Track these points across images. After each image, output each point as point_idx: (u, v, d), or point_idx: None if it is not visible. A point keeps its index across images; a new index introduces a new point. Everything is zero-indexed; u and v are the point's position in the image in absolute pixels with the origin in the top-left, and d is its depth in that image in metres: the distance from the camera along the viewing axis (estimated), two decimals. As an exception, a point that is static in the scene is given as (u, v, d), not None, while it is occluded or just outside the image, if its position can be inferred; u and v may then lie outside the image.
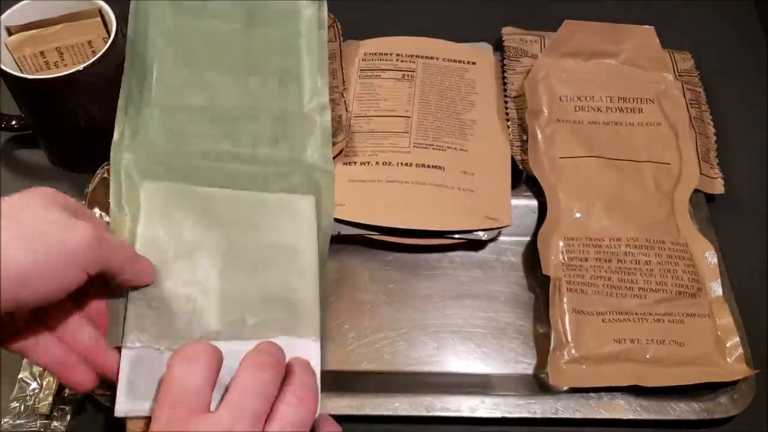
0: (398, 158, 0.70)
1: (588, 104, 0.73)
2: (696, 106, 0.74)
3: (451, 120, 0.73)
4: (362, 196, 0.68)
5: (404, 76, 0.77)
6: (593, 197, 0.67)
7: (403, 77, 0.77)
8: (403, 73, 0.77)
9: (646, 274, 0.62)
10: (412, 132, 0.72)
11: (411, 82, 0.76)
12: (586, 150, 0.70)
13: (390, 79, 0.76)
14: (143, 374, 0.53)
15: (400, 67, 0.78)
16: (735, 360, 0.59)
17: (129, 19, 0.68)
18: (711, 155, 0.72)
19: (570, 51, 0.76)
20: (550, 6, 0.83)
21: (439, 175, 0.69)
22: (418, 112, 0.74)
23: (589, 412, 0.58)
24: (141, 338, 0.54)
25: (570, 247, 0.64)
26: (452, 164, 0.70)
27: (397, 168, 0.69)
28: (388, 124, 0.73)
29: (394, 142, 0.71)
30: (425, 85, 0.76)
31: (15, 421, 0.58)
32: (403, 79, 0.76)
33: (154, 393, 0.53)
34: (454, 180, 0.69)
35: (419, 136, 0.72)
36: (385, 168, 0.70)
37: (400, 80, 0.76)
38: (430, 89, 0.76)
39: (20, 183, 0.71)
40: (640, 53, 0.76)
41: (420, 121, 0.73)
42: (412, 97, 0.75)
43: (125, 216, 0.60)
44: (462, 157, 0.71)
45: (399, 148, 0.71)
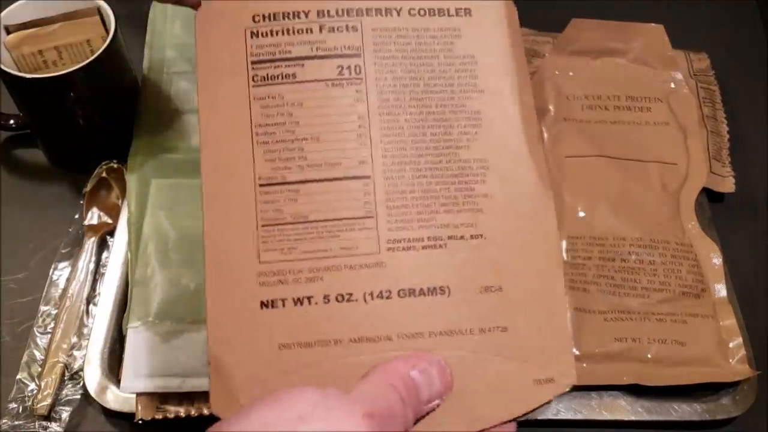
0: (362, 281, 0.43)
1: (595, 103, 0.75)
2: (709, 105, 0.76)
3: (445, 164, 0.46)
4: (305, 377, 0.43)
5: (343, 70, 0.45)
6: (598, 196, 0.68)
7: (342, 73, 0.45)
8: (341, 62, 0.45)
9: (649, 274, 0.64)
10: (379, 211, 0.44)
11: (358, 82, 0.45)
12: (592, 149, 0.71)
13: (316, 83, 0.45)
14: (145, 353, 0.58)
15: (328, 47, 0.45)
16: (737, 361, 0.61)
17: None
18: (723, 153, 0.74)
19: (577, 49, 0.77)
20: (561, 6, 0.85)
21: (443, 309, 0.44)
22: (384, 157, 0.45)
23: (590, 413, 0.59)
24: (142, 319, 0.60)
25: (573, 245, 0.66)
26: (462, 274, 0.44)
27: (361, 307, 0.43)
28: (329, 197, 0.44)
29: (350, 244, 0.44)
30: (385, 86, 0.46)
31: (13, 422, 0.59)
32: (342, 79, 0.45)
33: (156, 370, 0.58)
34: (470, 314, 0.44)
35: (395, 220, 0.44)
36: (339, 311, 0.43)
37: (337, 83, 0.45)
38: (396, 95, 0.46)
39: (18, 182, 0.74)
40: (649, 52, 0.77)
41: (392, 181, 0.45)
42: (366, 121, 0.45)
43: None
44: (477, 253, 0.45)
45: (360, 256, 0.44)
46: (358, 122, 0.45)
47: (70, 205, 0.70)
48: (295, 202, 0.45)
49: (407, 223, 0.45)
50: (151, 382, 0.58)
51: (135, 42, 0.78)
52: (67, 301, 0.64)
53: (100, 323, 0.62)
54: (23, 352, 0.62)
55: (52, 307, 0.64)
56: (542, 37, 0.80)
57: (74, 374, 0.61)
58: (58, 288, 0.65)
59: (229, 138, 0.45)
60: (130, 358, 0.59)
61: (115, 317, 0.62)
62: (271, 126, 0.45)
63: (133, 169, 0.68)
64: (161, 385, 0.58)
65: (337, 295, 0.44)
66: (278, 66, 0.46)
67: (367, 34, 0.46)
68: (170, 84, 0.75)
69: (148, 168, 0.68)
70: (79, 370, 0.61)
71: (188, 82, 0.75)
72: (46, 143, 0.74)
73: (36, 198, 0.72)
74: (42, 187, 0.73)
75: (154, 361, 0.59)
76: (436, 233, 0.45)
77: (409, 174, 0.45)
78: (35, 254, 0.68)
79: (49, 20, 0.69)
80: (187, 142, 0.71)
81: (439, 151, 0.46)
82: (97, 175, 0.69)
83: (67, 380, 0.61)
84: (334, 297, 0.44)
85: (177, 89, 0.75)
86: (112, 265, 0.65)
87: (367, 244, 0.44)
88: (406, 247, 0.45)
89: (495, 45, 0.48)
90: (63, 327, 0.63)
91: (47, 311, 0.64)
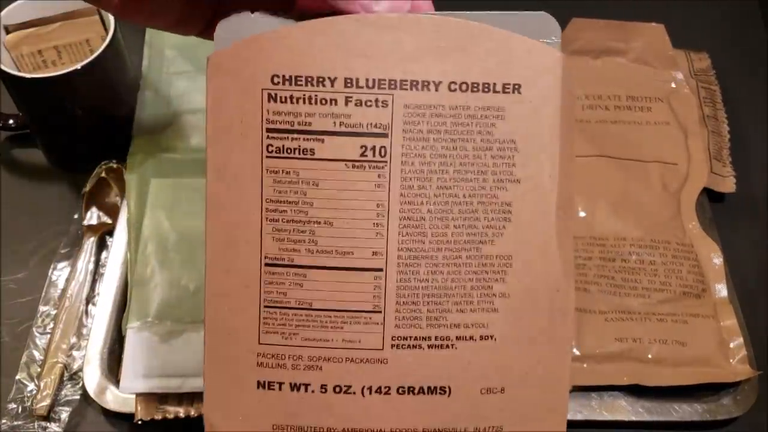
0: (362, 375, 0.42)
1: (596, 103, 0.75)
2: (710, 104, 0.77)
3: (465, 260, 0.42)
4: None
5: (366, 150, 0.41)
6: (599, 196, 0.69)
7: (365, 154, 0.41)
8: (365, 142, 0.41)
9: (650, 274, 0.64)
10: (387, 306, 0.42)
11: (381, 166, 0.41)
12: (593, 149, 0.72)
13: (336, 163, 0.41)
14: (144, 353, 0.58)
15: (353, 123, 0.41)
16: (738, 361, 0.61)
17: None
18: (724, 153, 0.74)
19: (578, 49, 0.78)
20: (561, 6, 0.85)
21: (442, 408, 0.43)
22: (399, 249, 0.42)
23: (591, 413, 0.59)
24: (142, 319, 0.60)
25: (574, 246, 0.65)
26: (466, 375, 0.42)
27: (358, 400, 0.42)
28: (337, 287, 0.42)
29: (353, 337, 0.42)
30: (411, 171, 0.41)
31: (12, 422, 0.59)
32: (364, 161, 0.41)
33: (155, 370, 0.58)
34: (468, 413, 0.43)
35: (404, 318, 0.42)
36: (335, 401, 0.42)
37: (358, 165, 0.41)
38: (421, 182, 0.41)
39: (18, 182, 0.74)
40: (650, 51, 0.77)
41: (404, 276, 0.42)
42: (385, 209, 0.41)
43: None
44: (485, 355, 0.42)
45: (362, 351, 0.42)
46: (377, 210, 0.42)
47: (69, 205, 0.70)
48: (301, 288, 0.42)
49: (416, 321, 0.42)
50: (150, 383, 0.58)
51: (134, 42, 0.78)
52: (67, 302, 0.64)
53: (100, 323, 0.62)
54: (22, 352, 0.62)
55: (52, 307, 0.64)
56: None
57: (73, 374, 0.61)
58: (58, 288, 0.66)
59: (237, 209, 0.42)
60: (129, 358, 0.59)
61: (114, 317, 0.62)
62: (283, 204, 0.42)
63: (132, 168, 0.68)
64: (161, 385, 0.58)
65: (335, 386, 0.42)
66: (296, 138, 0.41)
67: (398, 111, 0.41)
68: (169, 84, 0.75)
69: (148, 167, 0.68)
70: (79, 370, 0.61)
71: (187, 82, 0.76)
72: (46, 143, 0.74)
73: (35, 198, 0.73)
74: (41, 187, 0.73)
75: (153, 362, 0.59)
76: (445, 333, 0.42)
77: (424, 269, 0.42)
78: (34, 254, 0.68)
79: (48, 20, 0.69)
80: (186, 142, 0.71)
81: (460, 246, 0.42)
82: (97, 175, 0.69)
83: (66, 381, 0.61)
84: (332, 388, 0.42)
85: (176, 89, 0.75)
86: (111, 265, 0.65)
87: (371, 339, 0.42)
88: (411, 345, 0.42)
89: (542, 127, 0.42)
90: (62, 327, 0.63)
91: (46, 311, 0.64)
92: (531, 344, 0.43)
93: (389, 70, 0.41)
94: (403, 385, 0.42)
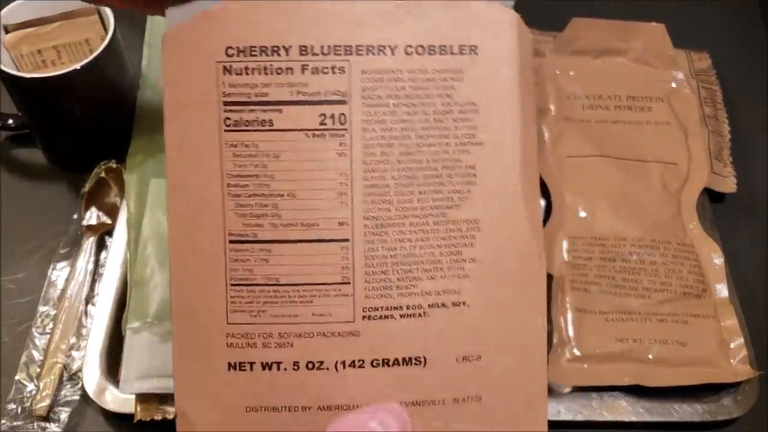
0: (334, 350, 0.41)
1: (596, 103, 0.75)
2: (710, 104, 0.77)
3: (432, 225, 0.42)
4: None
5: (325, 119, 0.40)
6: (599, 197, 0.69)
7: (324, 122, 0.40)
8: (324, 110, 0.40)
9: (650, 274, 0.64)
10: (356, 277, 0.41)
11: (341, 134, 0.41)
12: (593, 149, 0.72)
13: (295, 133, 0.41)
14: (144, 354, 0.58)
15: (311, 91, 0.40)
16: (738, 361, 0.61)
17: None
18: (724, 153, 0.74)
19: (578, 49, 0.77)
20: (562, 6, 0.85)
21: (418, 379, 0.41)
22: (365, 218, 0.41)
23: (591, 413, 0.59)
24: (142, 319, 0.60)
25: (574, 246, 0.66)
26: (440, 343, 0.42)
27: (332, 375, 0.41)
28: (303, 260, 0.41)
29: (323, 311, 0.41)
30: (372, 138, 0.41)
31: (12, 423, 0.59)
32: (324, 130, 0.40)
33: (155, 371, 0.58)
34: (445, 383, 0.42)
35: (373, 287, 0.41)
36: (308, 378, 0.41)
37: (318, 134, 0.40)
38: (384, 149, 0.41)
39: (17, 182, 0.74)
40: (650, 51, 0.77)
41: (372, 245, 0.41)
42: (348, 179, 0.41)
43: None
44: (458, 322, 0.42)
45: (333, 324, 0.41)
46: (340, 179, 0.41)
47: (68, 205, 0.70)
48: (267, 263, 0.41)
49: (386, 291, 0.41)
50: (150, 383, 0.58)
51: (134, 41, 0.78)
52: (66, 302, 0.64)
53: (99, 324, 0.62)
54: (22, 352, 0.62)
55: (51, 307, 0.64)
56: (543, 36, 0.81)
57: (73, 375, 0.61)
58: (57, 288, 0.66)
59: (198, 186, 0.41)
60: (129, 358, 0.59)
61: (114, 318, 0.62)
62: (244, 177, 0.41)
63: (132, 168, 0.68)
64: (160, 385, 0.58)
65: (308, 363, 0.41)
66: (253, 110, 0.41)
67: (355, 76, 0.41)
68: None
69: (147, 167, 0.68)
70: (78, 370, 0.61)
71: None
72: (45, 143, 0.74)
73: (35, 198, 0.73)
74: (41, 187, 0.73)
75: (153, 362, 0.59)
76: (416, 301, 0.42)
77: (391, 237, 0.41)
78: (34, 254, 0.68)
79: (48, 20, 0.69)
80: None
81: (427, 212, 0.42)
82: (96, 175, 0.69)
83: (65, 381, 0.61)
84: (305, 364, 0.41)
85: None
86: (111, 265, 0.65)
87: (341, 312, 0.41)
88: (383, 315, 0.41)
89: (501, 89, 0.42)
90: (62, 327, 0.63)
91: (46, 312, 0.64)
92: (505, 309, 0.42)
93: (344, 36, 0.41)
94: (377, 357, 0.41)
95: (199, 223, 0.41)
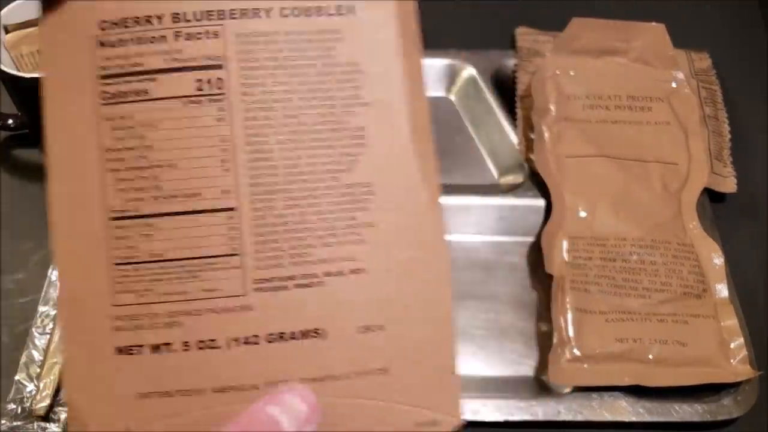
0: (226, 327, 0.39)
1: (596, 103, 0.75)
2: (710, 104, 0.77)
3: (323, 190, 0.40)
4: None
5: (202, 84, 0.40)
6: (599, 197, 0.69)
7: (201, 88, 0.40)
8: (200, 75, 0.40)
9: (651, 274, 0.64)
10: (245, 248, 0.40)
11: (220, 99, 0.40)
12: (593, 149, 0.72)
13: (171, 101, 0.40)
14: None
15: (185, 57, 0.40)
16: (738, 361, 0.61)
17: None
18: (724, 153, 0.74)
19: (579, 49, 0.77)
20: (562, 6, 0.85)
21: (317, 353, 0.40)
22: (251, 185, 0.40)
23: (591, 414, 0.59)
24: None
25: (574, 246, 0.66)
26: (340, 314, 0.40)
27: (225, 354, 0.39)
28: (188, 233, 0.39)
29: (212, 286, 0.39)
30: (253, 102, 0.40)
31: (12, 423, 0.59)
32: (201, 96, 0.40)
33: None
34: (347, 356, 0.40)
35: (264, 257, 0.40)
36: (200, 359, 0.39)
37: (195, 100, 0.40)
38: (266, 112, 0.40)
39: (17, 182, 0.74)
40: (651, 51, 0.77)
41: (260, 213, 0.40)
42: (230, 144, 0.40)
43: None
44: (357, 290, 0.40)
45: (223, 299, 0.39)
46: (221, 146, 0.40)
47: (68, 205, 0.70)
48: (150, 238, 0.39)
49: (278, 260, 0.40)
50: None
51: (134, 41, 0.78)
52: (66, 302, 0.64)
53: (99, 324, 0.62)
54: (22, 352, 0.62)
55: (51, 307, 0.64)
56: (543, 36, 0.81)
57: (73, 375, 0.61)
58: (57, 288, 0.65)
59: (77, 164, 0.40)
60: None
61: (114, 318, 0.62)
62: (122, 151, 0.39)
63: None
64: None
65: (198, 342, 0.39)
66: (129, 81, 0.40)
67: (230, 40, 0.40)
68: None
69: None
70: (78, 370, 0.61)
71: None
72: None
73: (35, 198, 0.72)
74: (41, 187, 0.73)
75: None
76: (311, 270, 0.40)
77: (281, 204, 0.40)
78: (34, 254, 0.69)
79: (48, 19, 0.69)
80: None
81: (316, 176, 0.40)
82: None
83: (66, 381, 0.61)
84: (195, 344, 0.39)
85: None
86: (111, 265, 0.65)
87: (231, 285, 0.39)
88: (276, 287, 0.40)
89: (383, 49, 0.41)
90: (62, 327, 0.63)
91: (46, 312, 0.64)
92: (406, 275, 0.41)
93: (217, 1, 0.40)
94: (272, 332, 0.39)
95: (79, 204, 0.40)
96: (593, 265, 0.65)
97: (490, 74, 0.80)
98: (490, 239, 0.71)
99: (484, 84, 0.79)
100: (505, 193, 0.72)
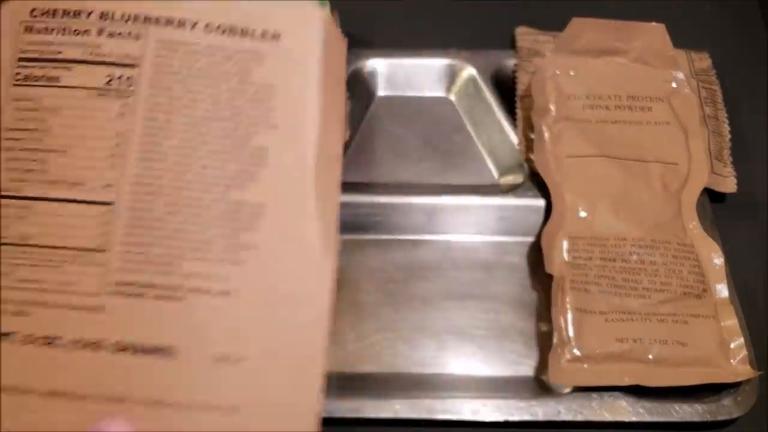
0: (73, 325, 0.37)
1: (596, 103, 0.75)
2: (710, 104, 0.77)
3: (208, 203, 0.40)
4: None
5: (112, 80, 0.40)
6: (599, 197, 0.69)
7: (110, 83, 0.40)
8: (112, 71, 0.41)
9: (651, 274, 0.64)
10: (114, 246, 0.38)
11: (126, 96, 0.40)
12: (593, 149, 0.71)
13: (79, 90, 0.41)
14: None
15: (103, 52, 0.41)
16: (739, 361, 0.61)
17: None
18: (724, 153, 0.74)
19: (578, 49, 0.77)
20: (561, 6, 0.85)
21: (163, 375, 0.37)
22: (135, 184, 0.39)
23: (591, 414, 0.60)
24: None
25: (574, 246, 0.66)
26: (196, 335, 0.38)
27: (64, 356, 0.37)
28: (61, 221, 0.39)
29: (71, 279, 0.38)
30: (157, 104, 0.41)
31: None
32: (109, 90, 0.40)
33: None
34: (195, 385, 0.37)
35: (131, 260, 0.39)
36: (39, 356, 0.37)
37: (103, 93, 0.40)
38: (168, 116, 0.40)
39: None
40: (651, 51, 0.77)
41: (137, 214, 0.39)
42: (125, 140, 0.39)
43: None
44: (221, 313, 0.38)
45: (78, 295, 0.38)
46: (116, 140, 0.40)
47: (68, 205, 0.70)
48: (24, 221, 0.39)
49: (144, 265, 0.39)
50: None
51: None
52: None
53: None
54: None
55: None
56: (543, 36, 0.81)
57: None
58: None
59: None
60: None
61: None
62: (21, 131, 0.40)
63: None
64: None
65: (42, 337, 0.38)
66: (44, 67, 0.41)
67: (150, 45, 0.41)
68: None
69: None
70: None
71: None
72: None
73: None
74: None
75: None
76: (175, 282, 0.39)
77: (160, 208, 0.39)
78: (33, 254, 0.68)
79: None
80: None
81: (205, 188, 0.40)
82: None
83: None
84: (38, 338, 0.38)
85: None
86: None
87: (89, 282, 0.38)
88: (135, 293, 0.38)
89: (302, 79, 0.42)
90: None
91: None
92: (280, 307, 0.39)
93: (147, 6, 0.42)
94: (119, 340, 0.38)
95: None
96: (593, 265, 0.65)
97: (490, 74, 0.80)
98: (490, 239, 0.71)
99: (484, 84, 0.79)
100: (505, 193, 0.72)
